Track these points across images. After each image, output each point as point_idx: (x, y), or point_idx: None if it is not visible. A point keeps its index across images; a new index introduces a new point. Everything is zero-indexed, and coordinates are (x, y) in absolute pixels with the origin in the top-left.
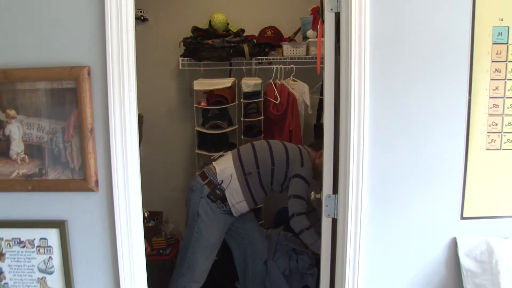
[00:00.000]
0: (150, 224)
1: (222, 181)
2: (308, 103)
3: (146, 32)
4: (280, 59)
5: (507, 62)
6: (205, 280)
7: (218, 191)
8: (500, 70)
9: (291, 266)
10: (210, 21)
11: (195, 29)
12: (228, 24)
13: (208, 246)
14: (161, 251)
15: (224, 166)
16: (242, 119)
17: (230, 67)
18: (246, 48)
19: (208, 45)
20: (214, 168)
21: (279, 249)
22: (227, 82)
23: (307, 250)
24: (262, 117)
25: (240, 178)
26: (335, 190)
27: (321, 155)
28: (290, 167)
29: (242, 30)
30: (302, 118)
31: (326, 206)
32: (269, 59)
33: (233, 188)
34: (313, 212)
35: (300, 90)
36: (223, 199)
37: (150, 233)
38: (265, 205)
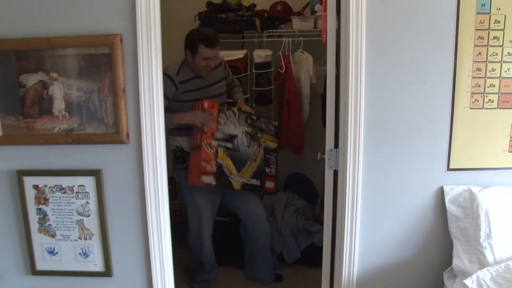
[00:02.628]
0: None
1: (176, 146)
2: (311, 73)
3: (162, 6)
4: (290, 32)
5: (489, 30)
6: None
7: (177, 153)
8: (483, 37)
9: (298, 224)
10: None
11: (210, 4)
12: None
13: (195, 208)
14: (177, 213)
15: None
16: (253, 88)
17: (243, 40)
18: (257, 21)
19: (222, 19)
20: None
21: (286, 209)
22: (239, 54)
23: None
24: (272, 87)
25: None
26: (336, 144)
27: (189, 55)
28: None
29: (254, 5)
30: (308, 88)
31: (329, 159)
32: (279, 32)
33: (181, 139)
34: None
35: (306, 61)
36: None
37: None
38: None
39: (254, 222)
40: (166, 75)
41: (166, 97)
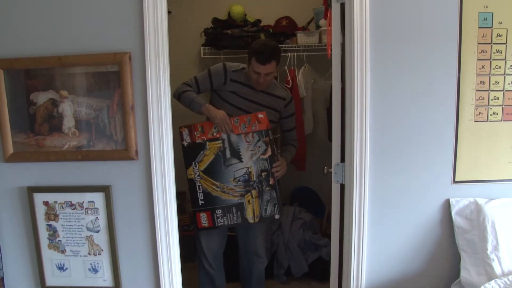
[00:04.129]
0: None
1: None
2: (303, 89)
3: (169, 24)
4: (294, 47)
5: (492, 44)
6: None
7: None
8: (486, 51)
9: (305, 238)
10: (229, 12)
11: (215, 20)
12: (245, 15)
13: None
14: (185, 228)
15: None
16: None
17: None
18: (262, 37)
19: (228, 35)
20: None
21: (294, 223)
22: None
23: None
24: None
25: None
26: (342, 158)
27: (247, 64)
28: None
29: (259, 21)
30: (309, 102)
31: (335, 173)
32: (284, 47)
33: None
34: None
35: (306, 76)
36: None
37: None
38: (282, 185)
39: (249, 257)
40: (223, 65)
41: (211, 85)
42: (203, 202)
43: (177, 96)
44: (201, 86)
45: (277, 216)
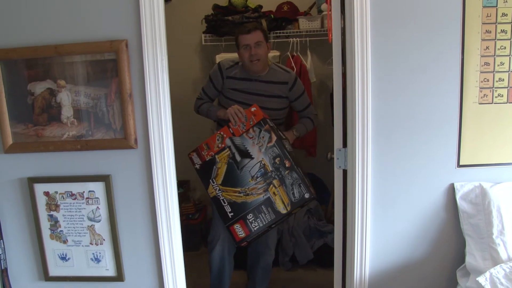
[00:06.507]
0: (179, 191)
1: None
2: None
3: (169, 12)
4: (296, 32)
5: (497, 23)
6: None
7: None
8: (490, 31)
9: (310, 225)
10: None
11: (216, 7)
12: (246, 0)
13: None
14: (190, 216)
15: None
16: None
17: None
18: (264, 23)
19: (229, 21)
20: None
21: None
22: None
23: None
24: None
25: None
26: (344, 144)
27: (238, 53)
28: None
29: (260, 6)
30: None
31: (337, 158)
32: (286, 33)
33: None
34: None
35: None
36: None
37: (179, 199)
38: None
39: (258, 246)
40: (218, 64)
41: (215, 88)
42: (232, 213)
43: (196, 112)
44: (209, 93)
45: (307, 195)
